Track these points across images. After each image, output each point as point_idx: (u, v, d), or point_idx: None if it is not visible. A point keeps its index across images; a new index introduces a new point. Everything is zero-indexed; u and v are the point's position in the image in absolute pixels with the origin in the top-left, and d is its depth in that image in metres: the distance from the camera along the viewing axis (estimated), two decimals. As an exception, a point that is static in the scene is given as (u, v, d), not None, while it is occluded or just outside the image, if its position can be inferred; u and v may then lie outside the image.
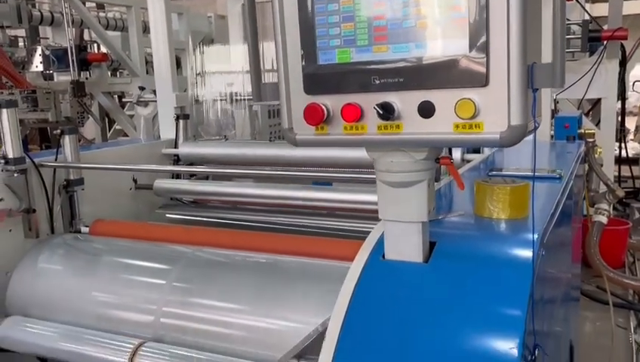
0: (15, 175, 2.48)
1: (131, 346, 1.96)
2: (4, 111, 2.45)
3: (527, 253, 1.24)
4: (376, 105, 1.14)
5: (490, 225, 1.44)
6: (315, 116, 1.20)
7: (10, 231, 2.50)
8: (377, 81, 1.15)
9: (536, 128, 1.13)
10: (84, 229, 2.69)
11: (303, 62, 1.21)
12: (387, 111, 1.14)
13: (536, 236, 1.28)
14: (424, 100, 1.11)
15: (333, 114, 1.20)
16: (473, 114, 1.07)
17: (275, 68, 1.27)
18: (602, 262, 4.16)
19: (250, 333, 1.96)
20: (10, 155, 2.46)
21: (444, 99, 1.10)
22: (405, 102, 1.14)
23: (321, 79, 1.20)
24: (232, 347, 1.94)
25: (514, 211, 1.43)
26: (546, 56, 1.12)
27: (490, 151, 2.53)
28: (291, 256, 2.22)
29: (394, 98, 1.14)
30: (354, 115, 1.17)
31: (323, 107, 1.19)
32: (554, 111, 4.31)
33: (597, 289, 4.18)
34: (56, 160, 2.68)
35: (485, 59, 1.05)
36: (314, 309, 1.84)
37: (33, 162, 2.55)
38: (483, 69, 1.05)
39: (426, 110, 1.12)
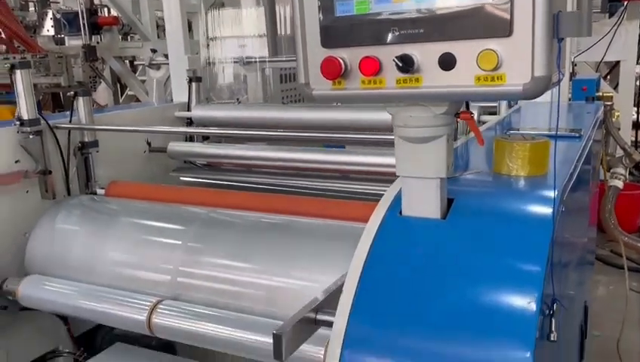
0: (30, 136, 2.48)
1: (149, 304, 1.99)
2: (18, 72, 2.44)
3: (547, 209, 1.23)
4: (396, 57, 1.12)
5: (509, 182, 1.43)
6: (333, 70, 1.18)
7: (27, 192, 2.51)
8: (397, 33, 1.13)
9: (560, 80, 1.10)
10: (99, 191, 2.71)
11: (320, 14, 1.19)
12: (407, 64, 1.12)
13: (556, 192, 1.26)
14: (445, 52, 1.09)
15: (351, 68, 1.18)
16: (496, 65, 1.05)
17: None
18: (617, 226, 4.14)
19: (262, 292, 1.99)
20: (25, 117, 2.46)
21: (465, 50, 1.08)
22: (425, 54, 1.11)
23: (338, 31, 1.18)
24: (246, 305, 1.96)
25: (533, 168, 1.41)
26: (571, 6, 1.09)
27: (507, 112, 2.50)
28: (304, 217, 2.23)
29: (414, 50, 1.12)
30: (372, 68, 1.15)
31: (340, 60, 1.17)
32: (572, 74, 4.24)
33: (611, 253, 4.17)
34: (70, 122, 2.68)
35: (509, 6, 1.02)
36: (325, 269, 1.86)
37: (48, 124, 2.56)
38: (507, 18, 1.02)
39: (447, 62, 1.09)
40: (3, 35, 5.25)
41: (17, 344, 2.50)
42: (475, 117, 2.54)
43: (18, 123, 2.47)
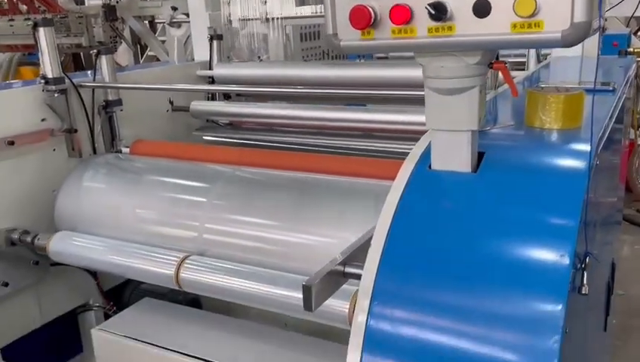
0: (55, 95, 2.49)
1: (177, 259, 2.03)
2: (42, 30, 2.44)
3: (581, 162, 1.20)
4: (428, 4, 1.08)
5: (541, 135, 1.40)
6: (362, 19, 1.15)
7: (54, 150, 2.55)
8: (429, -22, 1.09)
9: (600, 27, 1.06)
10: (124, 149, 2.74)
11: (349, -40, 1.15)
12: (439, 12, 1.08)
13: (591, 145, 1.23)
14: (480, -3, 1.05)
15: (381, 16, 1.14)
16: (533, 11, 1.01)
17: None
18: (644, 185, 4.07)
19: (286, 248, 2.01)
20: (50, 75, 2.47)
21: (502, -5, 1.04)
22: (459, 0, 1.07)
23: (368, -22, 1.14)
24: (270, 261, 1.99)
25: (567, 121, 1.38)
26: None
27: (536, 67, 2.43)
28: (327, 175, 2.23)
29: (447, -4, 1.08)
30: (403, 16, 1.11)
31: (370, 9, 1.14)
32: (602, 30, 4.11)
33: (637, 213, 4.12)
34: (94, 80, 2.69)
35: (549, -53, 0.97)
36: (349, 226, 1.86)
37: (72, 82, 2.56)
38: (546, -41, 0.98)
39: (482, 9, 1.05)
40: (24, -5, 5.25)
41: (49, 298, 2.59)
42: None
43: (43, 81, 2.48)
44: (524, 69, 2.57)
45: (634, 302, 3.28)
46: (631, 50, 3.60)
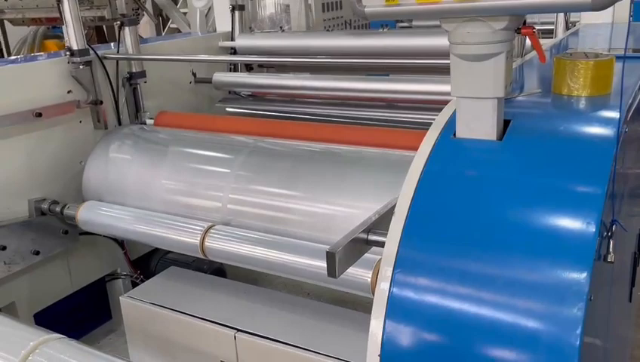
0: (81, 67, 2.51)
1: (202, 228, 2.05)
2: (66, 2, 2.44)
3: (609, 130, 1.18)
4: (455, -32, 1.07)
5: (569, 102, 1.37)
6: (387, -15, 1.14)
7: (80, 122, 2.57)
8: (456, -59, 1.06)
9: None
10: (149, 121, 2.76)
11: None
12: (466, -25, 1.06)
13: (620, 112, 1.21)
14: (508, -40, 1.03)
15: (406, -19, 1.13)
16: (563, -27, 0.99)
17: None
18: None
19: (308, 218, 2.02)
20: (75, 47, 2.48)
21: (531, -43, 1.01)
22: (487, -37, 1.05)
23: (394, -58, 1.12)
24: (292, 230, 2.01)
25: (596, 88, 1.35)
26: None
27: (564, 34, 2.38)
28: (349, 146, 2.22)
29: (474, -41, 1.06)
30: (429, -20, 1.10)
31: (395, -26, 1.13)
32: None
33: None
34: (118, 52, 2.70)
35: None
36: (371, 196, 1.87)
37: (97, 54, 2.58)
38: None
39: (510, -29, 1.03)
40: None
41: (79, 267, 2.65)
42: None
43: (68, 54, 2.50)
44: (552, 37, 2.52)
45: (659, 273, 3.23)
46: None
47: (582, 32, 2.52)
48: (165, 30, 6.81)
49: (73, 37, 2.49)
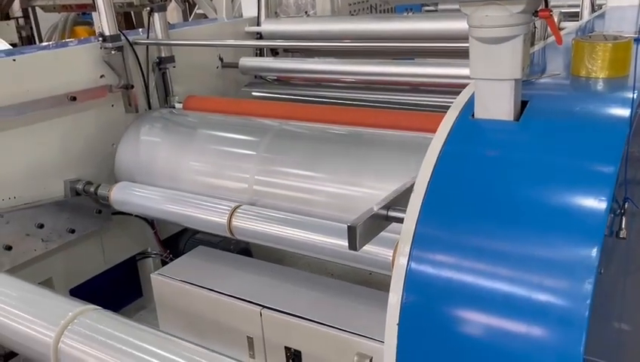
0: (112, 52, 2.56)
1: (229, 208, 2.10)
2: (98, -12, 2.51)
3: (624, 110, 1.19)
4: (474, -47, 1.09)
5: (586, 84, 1.38)
6: (408, -30, 1.17)
7: (112, 106, 2.63)
8: None
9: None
10: (177, 105, 2.80)
11: None
12: (484, -41, 1.09)
13: (636, 93, 1.22)
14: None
15: (427, -34, 1.16)
16: (580, -44, 1.01)
17: None
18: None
19: (332, 199, 2.05)
20: (107, 32, 2.54)
21: (547, -58, 1.03)
22: (505, -54, 1.08)
23: None
24: (316, 210, 2.04)
25: (613, 70, 1.36)
26: None
27: (590, 17, 2.36)
28: (372, 128, 2.24)
29: (493, -56, 1.09)
30: (449, -35, 1.13)
31: (416, -41, 1.16)
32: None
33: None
34: (147, 37, 2.75)
35: None
36: (393, 177, 1.86)
37: (127, 39, 2.63)
38: None
39: (528, -45, 1.06)
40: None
41: (111, 245, 2.72)
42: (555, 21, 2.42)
43: (101, 39, 2.55)
44: (577, 18, 2.49)
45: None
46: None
47: (608, 15, 2.49)
48: (192, 16, 6.87)
49: (105, 23, 2.54)
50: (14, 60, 2.28)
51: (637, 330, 1.75)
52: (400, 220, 1.26)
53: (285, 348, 2.11)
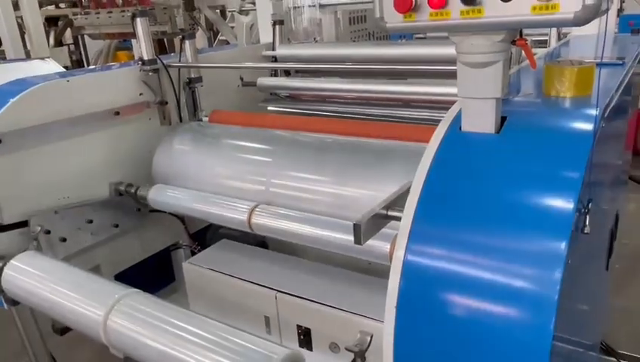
0: (150, 74, 2.57)
1: (249, 207, 2.11)
2: (138, 19, 2.51)
3: (588, 125, 1.20)
4: (461, -9, 1.10)
5: (556, 102, 1.39)
6: (404, 5, 1.17)
7: (149, 119, 2.65)
8: (462, -30, 1.10)
9: (608, 9, 1.06)
10: (204, 118, 2.81)
11: (395, -44, 1.17)
12: (470, -3, 1.10)
13: (598, 110, 1.23)
14: (505, -15, 1.06)
15: (420, 2, 1.16)
16: (551, -5, 1.02)
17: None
18: (652, 150, 3.91)
19: (337, 199, 2.05)
20: (145, 57, 2.55)
21: (524, -18, 1.04)
22: (487, -13, 1.08)
23: (410, -29, 1.16)
24: (323, 209, 2.04)
25: (579, 90, 1.36)
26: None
27: (556, 44, 2.36)
28: (371, 139, 2.24)
29: (477, -16, 1.09)
30: (440, 1, 1.13)
31: (412, -4, 1.16)
32: (619, 11, 3.89)
33: (644, 174, 3.97)
34: (179, 61, 2.76)
35: (566, -62, 0.97)
36: (389, 181, 1.86)
37: (162, 63, 2.64)
38: (563, -51, 0.98)
39: (507, -6, 1.06)
40: (119, -9, 5.34)
41: (148, 238, 2.73)
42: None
43: (140, 63, 2.57)
44: (546, 45, 2.49)
45: (637, 249, 3.21)
46: (645, 28, 3.40)
47: (572, 43, 2.50)
48: (216, 42, 6.91)
49: (144, 49, 2.55)
50: (68, 81, 2.30)
51: (593, 309, 1.76)
52: (398, 218, 1.27)
53: (297, 326, 2.12)
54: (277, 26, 3.30)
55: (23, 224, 2.18)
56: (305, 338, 2.12)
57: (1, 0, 4.98)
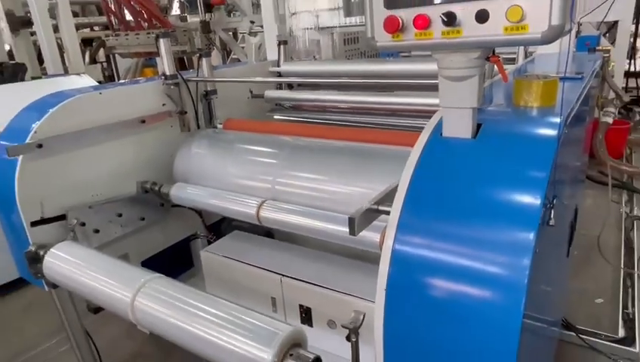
0: (171, 87, 2.57)
1: (257, 202, 2.10)
2: (162, 40, 2.51)
3: (552, 131, 1.19)
4: (442, 14, 1.08)
5: (525, 111, 1.37)
6: (392, 26, 1.15)
7: (171, 126, 2.64)
8: (443, -5, 1.08)
9: (571, 29, 1.04)
10: (219, 126, 2.80)
11: (384, -17, 1.15)
12: (450, 19, 1.08)
13: (561, 118, 1.22)
14: (480, 8, 1.04)
15: (407, 24, 1.14)
16: (520, 17, 1.00)
17: None
18: (606, 153, 3.91)
19: (333, 196, 2.05)
20: (168, 73, 2.54)
21: (497, 6, 1.02)
22: (465, 10, 1.07)
23: (398, -4, 1.14)
24: (322, 204, 2.04)
25: (544, 101, 1.35)
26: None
27: (523, 61, 2.35)
28: (364, 143, 2.24)
29: (455, 8, 1.07)
30: (423, 23, 1.12)
31: (399, 18, 1.14)
32: (577, 32, 3.89)
33: (599, 173, 3.97)
34: (197, 76, 2.75)
35: (535, -30, 0.96)
36: (380, 180, 1.87)
37: (182, 78, 2.63)
38: (532, -22, 0.96)
39: (482, 16, 1.05)
40: (146, 16, 5.34)
41: (170, 229, 2.72)
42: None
43: (163, 77, 2.56)
44: (514, 62, 2.49)
45: (593, 239, 3.20)
46: (600, 48, 3.41)
47: (537, 60, 2.49)
48: (229, 59, 6.90)
49: (167, 65, 2.55)
50: (100, 93, 2.29)
51: (555, 291, 1.75)
52: (387, 213, 1.26)
53: (299, 305, 2.11)
54: (281, 46, 3.29)
55: (62, 217, 2.17)
56: (306, 316, 2.11)
57: (43, 23, 4.97)
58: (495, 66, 1.46)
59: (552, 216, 1.14)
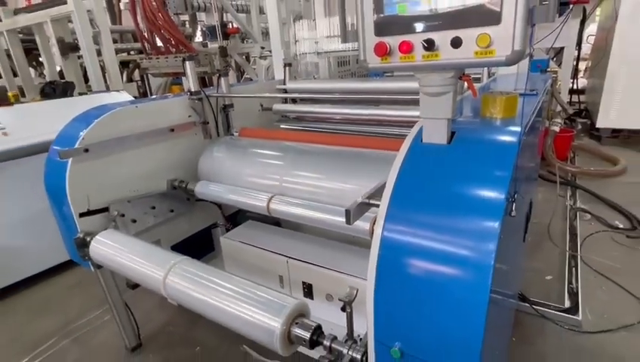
0: (196, 101, 2.56)
1: (267, 197, 2.09)
2: (187, 63, 2.52)
3: (514, 138, 1.19)
4: (423, 41, 1.08)
5: (490, 122, 1.37)
6: (382, 50, 1.15)
7: (195, 134, 2.62)
8: (423, 25, 1.08)
9: (531, 54, 1.04)
10: (235, 134, 2.78)
11: (374, 14, 1.14)
12: (430, 45, 1.07)
13: (520, 127, 1.21)
14: (455, 36, 1.04)
15: (393, 49, 1.14)
16: (488, 43, 1.00)
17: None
18: (554, 156, 3.92)
19: (330, 191, 2.04)
20: (192, 89, 2.53)
21: (469, 34, 1.02)
22: (442, 38, 1.06)
23: (386, 25, 1.14)
24: (322, 199, 2.03)
25: (506, 113, 1.35)
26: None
27: (487, 80, 2.34)
28: (357, 148, 2.23)
29: (434, 36, 1.07)
30: (407, 48, 1.11)
31: (387, 44, 1.14)
32: (530, 56, 3.89)
33: (548, 173, 3.98)
34: (217, 92, 2.73)
35: (500, 3, 0.95)
36: (370, 178, 1.88)
37: (205, 93, 2.62)
38: (498, 11, 0.96)
39: (456, 42, 1.04)
40: (174, 42, 5.29)
41: (195, 219, 2.69)
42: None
43: (189, 93, 2.55)
44: (480, 81, 2.48)
45: (543, 227, 3.21)
46: (549, 69, 3.41)
47: (499, 79, 2.48)
48: (243, 78, 6.86)
49: (192, 83, 2.53)
50: (136, 107, 2.27)
51: (514, 270, 1.75)
52: (377, 205, 1.25)
53: (302, 282, 2.10)
54: (287, 67, 3.27)
55: (105, 209, 2.15)
56: (308, 291, 2.10)
57: (88, 49, 4.96)
58: (465, 84, 1.45)
59: (513, 208, 1.14)
